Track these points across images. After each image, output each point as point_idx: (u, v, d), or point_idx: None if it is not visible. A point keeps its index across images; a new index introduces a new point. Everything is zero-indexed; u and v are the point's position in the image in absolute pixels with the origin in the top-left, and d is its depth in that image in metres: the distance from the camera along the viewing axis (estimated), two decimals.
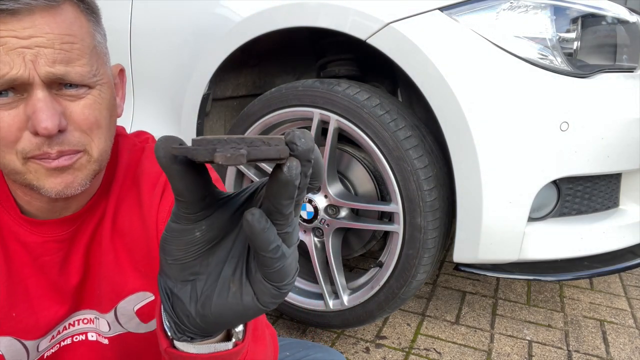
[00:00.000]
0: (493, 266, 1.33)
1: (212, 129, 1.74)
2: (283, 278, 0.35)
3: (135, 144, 0.69)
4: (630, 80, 1.27)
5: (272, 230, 0.32)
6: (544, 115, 1.16)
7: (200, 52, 1.52)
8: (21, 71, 0.48)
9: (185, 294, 0.38)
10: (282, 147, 0.30)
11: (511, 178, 1.19)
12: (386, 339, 1.54)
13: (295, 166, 0.30)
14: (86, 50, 0.53)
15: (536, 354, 1.47)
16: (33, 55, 0.49)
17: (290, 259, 0.35)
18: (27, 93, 0.50)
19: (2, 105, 0.50)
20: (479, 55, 1.17)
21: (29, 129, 0.50)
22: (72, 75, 0.51)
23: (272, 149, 0.29)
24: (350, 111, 1.29)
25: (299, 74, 1.90)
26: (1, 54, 0.48)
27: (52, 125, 0.49)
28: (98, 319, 0.68)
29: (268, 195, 0.32)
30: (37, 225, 0.61)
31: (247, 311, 0.37)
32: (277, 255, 0.33)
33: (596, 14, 1.24)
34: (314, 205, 1.42)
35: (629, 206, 1.40)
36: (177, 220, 0.36)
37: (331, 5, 1.28)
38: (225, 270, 0.37)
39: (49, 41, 0.49)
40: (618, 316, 1.69)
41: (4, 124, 0.50)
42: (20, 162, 0.52)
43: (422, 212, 1.25)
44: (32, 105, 0.50)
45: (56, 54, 0.50)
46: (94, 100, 0.54)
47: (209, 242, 0.37)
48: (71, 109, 0.52)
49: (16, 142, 0.51)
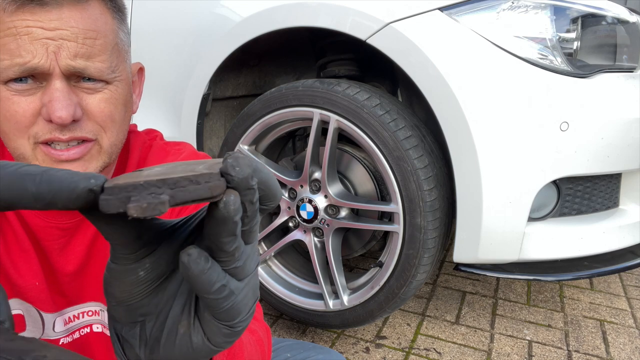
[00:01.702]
0: (493, 266, 1.33)
1: (212, 129, 1.74)
2: (234, 317, 0.31)
3: (145, 142, 0.71)
4: (630, 80, 1.27)
5: (213, 270, 0.28)
6: (544, 115, 1.16)
7: (200, 52, 1.52)
8: (42, 61, 0.50)
9: (134, 337, 0.34)
10: (215, 182, 0.25)
11: (511, 178, 1.19)
12: (386, 339, 1.54)
13: (232, 201, 0.26)
14: (108, 46, 0.54)
15: (536, 354, 1.47)
16: (56, 47, 0.50)
17: (242, 294, 0.30)
18: (46, 82, 0.52)
19: (21, 91, 0.52)
20: (479, 55, 1.17)
21: (43, 115, 0.52)
22: (91, 70, 0.53)
23: (201, 187, 0.25)
24: (350, 111, 1.29)
25: (299, 74, 1.90)
26: (25, 43, 0.49)
27: (66, 114, 0.51)
28: (104, 311, 0.69)
29: (207, 232, 0.28)
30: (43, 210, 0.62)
31: (197, 354, 0.33)
32: (222, 295, 0.29)
33: (596, 14, 1.24)
34: (314, 205, 1.42)
35: (629, 206, 1.40)
36: (116, 261, 0.31)
37: (331, 5, 1.28)
38: (174, 308, 0.33)
39: (73, 35, 0.51)
40: (618, 316, 1.69)
41: (20, 109, 0.52)
42: (30, 147, 0.53)
43: (422, 212, 1.25)
44: (49, 94, 0.51)
45: (78, 48, 0.51)
46: (110, 95, 0.55)
47: (155, 280, 0.32)
48: (87, 100, 0.54)
49: (29, 127, 0.52)
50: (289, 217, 1.51)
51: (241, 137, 1.49)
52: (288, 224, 1.54)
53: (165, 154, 0.70)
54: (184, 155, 0.70)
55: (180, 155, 0.69)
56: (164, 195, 0.24)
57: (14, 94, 0.52)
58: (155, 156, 0.69)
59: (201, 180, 0.25)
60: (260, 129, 1.46)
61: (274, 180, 0.30)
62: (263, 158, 1.51)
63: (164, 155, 0.69)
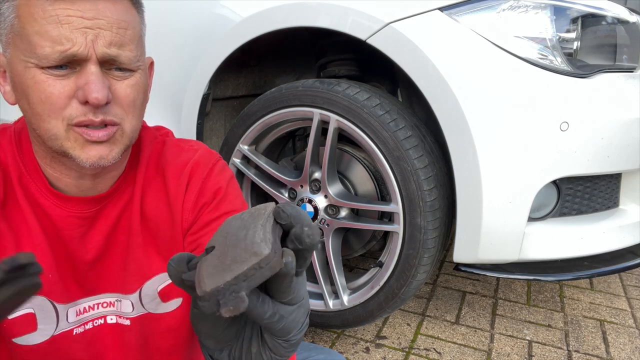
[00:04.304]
0: (493, 266, 1.33)
1: (212, 129, 1.74)
2: (287, 333, 0.39)
3: (156, 137, 0.74)
4: (630, 80, 1.27)
5: (263, 303, 0.36)
6: (544, 115, 1.16)
7: (201, 52, 1.52)
8: (82, 48, 0.53)
9: (224, 359, 0.45)
10: (275, 261, 0.32)
11: (511, 178, 1.19)
12: (386, 339, 1.54)
13: (290, 264, 0.33)
14: (135, 37, 0.59)
15: (536, 354, 1.47)
16: (94, 35, 0.54)
17: (292, 316, 0.39)
18: (80, 67, 0.55)
19: (58, 76, 0.55)
20: (479, 55, 1.17)
21: (78, 98, 0.55)
22: (122, 57, 0.57)
23: (266, 270, 0.32)
24: (350, 111, 1.29)
25: (299, 74, 1.90)
26: (67, 31, 0.53)
27: (102, 96, 0.54)
28: (120, 300, 0.71)
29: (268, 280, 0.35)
30: (62, 200, 0.64)
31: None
32: (274, 320, 0.37)
33: (596, 14, 1.24)
34: (314, 205, 1.42)
35: (629, 206, 1.40)
36: (196, 307, 0.40)
37: (331, 5, 1.28)
38: (246, 334, 0.44)
39: (108, 24, 0.55)
40: (618, 316, 1.69)
41: (56, 91, 0.55)
42: (64, 129, 0.56)
43: (422, 212, 1.25)
44: (85, 77, 0.55)
45: (113, 37, 0.55)
46: (135, 82, 0.60)
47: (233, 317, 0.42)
48: (116, 86, 0.58)
49: (64, 109, 0.56)
50: None
51: (241, 137, 1.49)
52: None
53: (180, 150, 0.73)
54: (198, 154, 0.73)
55: (195, 155, 0.72)
56: (242, 292, 0.31)
57: (50, 77, 0.55)
58: (170, 152, 0.72)
59: (263, 264, 0.32)
60: (260, 129, 1.46)
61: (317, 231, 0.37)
62: (263, 158, 1.52)
63: (178, 152, 0.73)
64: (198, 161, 0.72)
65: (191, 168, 0.71)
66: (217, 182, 0.72)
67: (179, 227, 0.71)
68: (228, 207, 0.71)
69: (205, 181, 0.71)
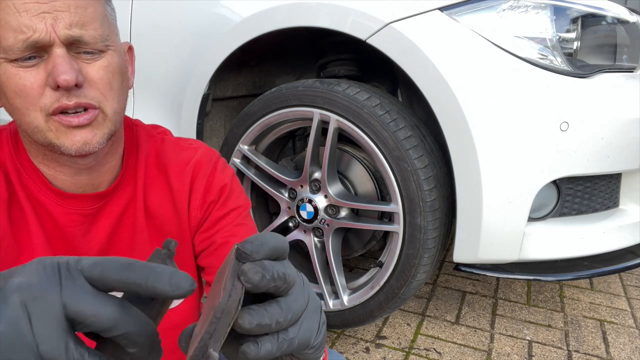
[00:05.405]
0: (493, 266, 1.33)
1: (212, 129, 1.74)
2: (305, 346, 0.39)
3: (153, 135, 0.74)
4: (630, 80, 1.27)
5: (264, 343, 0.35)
6: (544, 115, 1.16)
7: (201, 52, 1.52)
8: (43, 34, 0.54)
9: None
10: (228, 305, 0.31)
11: (511, 178, 1.19)
12: (386, 339, 1.54)
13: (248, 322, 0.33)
14: (98, 15, 0.58)
15: (536, 354, 1.47)
16: (52, 19, 0.54)
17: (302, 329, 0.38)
18: (47, 54, 0.55)
19: (28, 67, 0.55)
20: (479, 55, 1.17)
21: (49, 84, 0.55)
22: (86, 37, 0.56)
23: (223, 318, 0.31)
24: (350, 111, 1.29)
25: (299, 74, 1.90)
26: (25, 19, 0.53)
27: (70, 77, 0.54)
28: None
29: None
30: (63, 197, 0.64)
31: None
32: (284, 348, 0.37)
33: (596, 14, 1.24)
34: (314, 205, 1.42)
35: (629, 206, 1.40)
36: None
37: (331, 5, 1.28)
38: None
39: (65, 5, 0.55)
40: (618, 316, 1.69)
41: (28, 82, 0.55)
42: (43, 119, 0.56)
43: (422, 212, 1.25)
44: (52, 62, 0.55)
45: (72, 17, 0.55)
46: (107, 62, 0.59)
47: None
48: (87, 69, 0.58)
49: (39, 99, 0.56)
50: (289, 217, 1.51)
51: (241, 137, 1.49)
52: (288, 224, 1.54)
53: (180, 149, 0.73)
54: (200, 153, 0.73)
55: (196, 153, 0.73)
56: (209, 350, 0.31)
57: (20, 70, 0.55)
58: (170, 150, 0.73)
59: (219, 314, 0.31)
60: (260, 129, 1.46)
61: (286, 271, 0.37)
62: (263, 158, 1.52)
63: (179, 150, 0.73)
64: (200, 159, 0.72)
65: (194, 166, 0.72)
66: (221, 179, 0.73)
67: (186, 225, 0.72)
68: (234, 204, 0.72)
69: (210, 179, 0.72)
